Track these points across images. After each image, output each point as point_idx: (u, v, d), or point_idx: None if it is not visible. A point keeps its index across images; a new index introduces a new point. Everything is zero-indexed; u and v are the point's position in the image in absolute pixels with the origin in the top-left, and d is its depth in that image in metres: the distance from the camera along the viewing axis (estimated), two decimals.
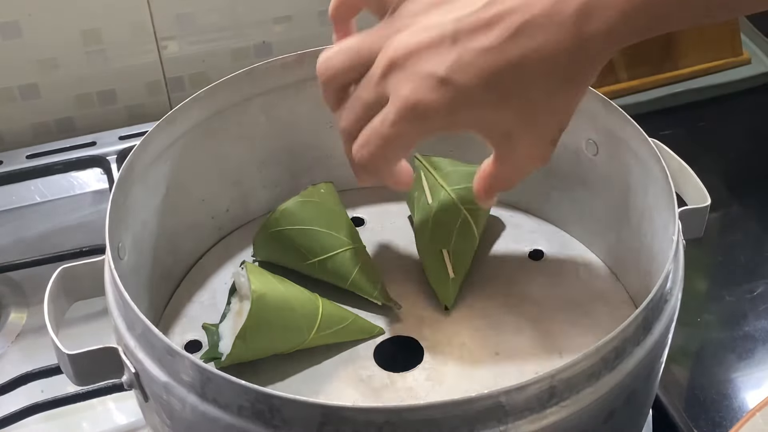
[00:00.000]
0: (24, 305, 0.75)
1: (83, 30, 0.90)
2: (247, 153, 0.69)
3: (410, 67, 0.47)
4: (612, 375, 0.47)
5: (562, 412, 0.45)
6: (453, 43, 0.46)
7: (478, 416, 0.44)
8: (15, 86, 0.91)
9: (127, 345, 0.50)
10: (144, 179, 0.61)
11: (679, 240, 0.54)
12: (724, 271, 0.78)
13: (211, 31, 0.94)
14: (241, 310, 0.60)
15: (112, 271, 0.52)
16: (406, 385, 0.58)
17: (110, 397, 0.65)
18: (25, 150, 0.90)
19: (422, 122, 0.48)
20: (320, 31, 0.97)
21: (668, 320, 0.51)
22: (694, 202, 0.60)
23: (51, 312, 0.54)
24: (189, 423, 0.48)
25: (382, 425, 0.43)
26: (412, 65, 0.47)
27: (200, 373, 0.46)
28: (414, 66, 0.47)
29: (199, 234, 0.69)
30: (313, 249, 0.63)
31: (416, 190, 0.68)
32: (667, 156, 0.61)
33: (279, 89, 0.68)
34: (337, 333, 0.60)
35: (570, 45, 0.44)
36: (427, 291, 0.64)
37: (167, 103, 0.96)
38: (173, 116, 0.63)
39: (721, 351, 0.70)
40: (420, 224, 0.66)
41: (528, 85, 0.46)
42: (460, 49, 0.46)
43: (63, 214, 0.85)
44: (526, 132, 0.48)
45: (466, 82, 0.46)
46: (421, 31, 0.48)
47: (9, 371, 0.67)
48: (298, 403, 0.44)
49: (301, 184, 0.68)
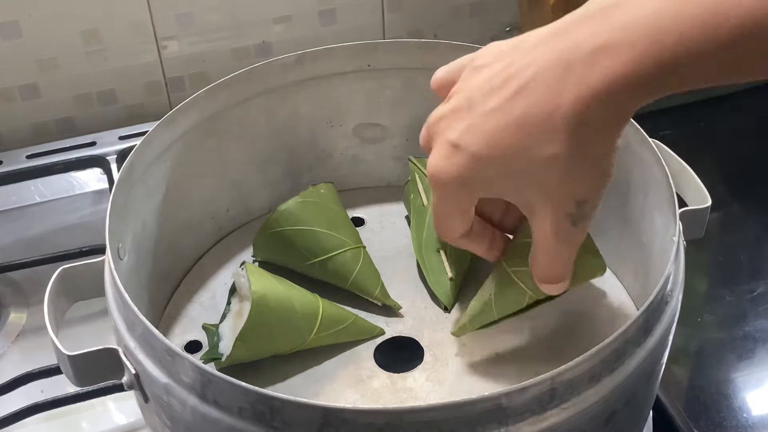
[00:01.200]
0: (24, 305, 0.75)
1: (83, 30, 0.90)
2: (247, 153, 0.69)
3: (435, 134, 0.49)
4: (612, 376, 0.47)
5: (563, 413, 0.45)
6: (469, 108, 0.47)
7: (479, 418, 0.44)
8: (15, 86, 0.91)
9: (127, 346, 0.50)
10: (144, 179, 0.61)
11: (679, 241, 0.54)
12: (724, 271, 0.78)
13: (211, 31, 0.94)
14: (241, 310, 0.60)
15: (112, 272, 0.52)
16: (406, 385, 0.58)
17: (110, 397, 0.65)
18: (25, 150, 0.91)
19: (445, 190, 0.49)
20: (320, 31, 0.97)
21: (669, 322, 0.51)
22: (695, 203, 0.60)
23: (51, 312, 0.53)
24: (189, 424, 0.48)
25: (382, 427, 0.43)
26: (436, 133, 0.49)
27: (200, 374, 0.46)
28: (437, 133, 0.49)
29: (199, 234, 0.69)
30: (313, 249, 0.63)
31: (411, 193, 0.68)
32: (668, 156, 0.61)
33: (279, 89, 0.68)
34: (337, 333, 0.60)
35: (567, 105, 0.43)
36: (427, 291, 0.64)
37: (167, 103, 0.96)
38: (173, 116, 0.63)
39: (721, 351, 0.70)
40: (416, 226, 0.66)
41: (531, 144, 0.44)
42: (473, 113, 0.46)
43: (63, 214, 0.85)
44: (540, 202, 0.47)
45: (473, 145, 0.46)
46: (455, 98, 0.48)
47: (9, 371, 0.67)
48: (299, 404, 0.44)
49: (301, 184, 0.68)
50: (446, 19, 1.00)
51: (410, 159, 0.69)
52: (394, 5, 0.98)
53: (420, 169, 0.68)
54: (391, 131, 0.73)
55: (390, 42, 0.69)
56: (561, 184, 0.45)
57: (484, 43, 0.51)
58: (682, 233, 0.56)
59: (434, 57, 0.68)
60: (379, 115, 0.72)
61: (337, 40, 0.70)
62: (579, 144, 0.44)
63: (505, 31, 1.00)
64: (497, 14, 1.01)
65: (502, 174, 0.46)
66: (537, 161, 0.45)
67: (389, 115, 0.72)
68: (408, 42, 0.69)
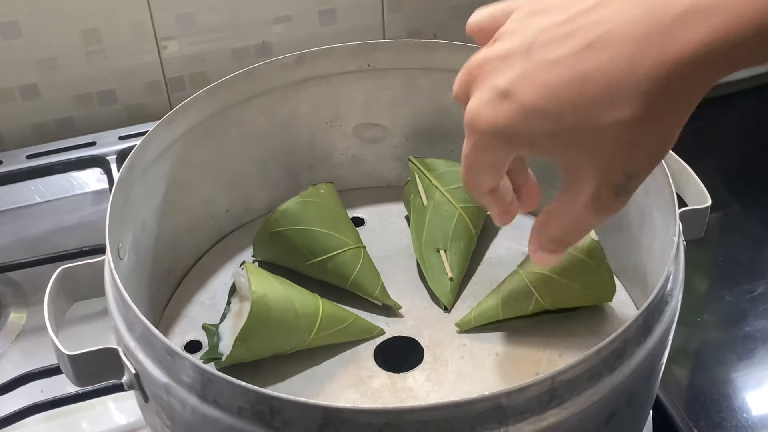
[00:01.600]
0: (24, 305, 0.75)
1: (83, 30, 0.90)
2: (247, 153, 0.69)
3: (477, 78, 0.44)
4: (613, 376, 0.47)
5: (563, 413, 0.45)
6: (525, 54, 0.42)
7: (479, 417, 0.44)
8: (15, 86, 0.91)
9: (127, 346, 0.50)
10: (144, 179, 0.61)
11: (679, 241, 0.54)
12: (724, 271, 0.78)
13: (211, 31, 0.94)
14: (241, 310, 0.60)
15: (112, 272, 0.52)
16: (406, 385, 0.58)
17: (110, 397, 0.65)
18: (25, 150, 0.90)
19: (483, 139, 0.44)
20: (320, 31, 0.97)
21: (669, 321, 0.51)
22: (695, 203, 0.60)
23: (51, 312, 0.53)
24: (189, 424, 0.48)
25: (382, 427, 0.43)
26: (479, 76, 0.44)
27: (200, 374, 0.46)
28: (480, 77, 0.44)
29: (199, 234, 0.69)
30: (313, 249, 0.63)
31: (411, 193, 0.68)
32: (668, 156, 0.61)
33: (279, 89, 0.68)
34: (337, 333, 0.60)
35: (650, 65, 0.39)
36: (427, 291, 0.64)
37: (167, 103, 0.96)
38: (173, 116, 0.63)
39: (721, 351, 0.70)
40: (416, 226, 0.66)
41: (590, 106, 0.40)
42: (529, 61, 0.42)
43: (63, 214, 0.85)
44: (588, 168, 0.42)
45: (526, 96, 0.42)
46: (503, 41, 0.44)
47: (9, 371, 0.67)
48: (299, 404, 0.44)
49: (301, 184, 0.68)
50: (446, 19, 1.00)
51: (410, 159, 0.69)
52: (394, 5, 0.98)
53: (420, 169, 0.68)
54: (391, 131, 0.73)
55: (390, 42, 0.69)
56: (617, 152, 0.41)
57: None
58: (682, 233, 0.56)
59: (434, 57, 0.69)
60: (379, 115, 0.72)
61: (337, 40, 0.70)
62: (652, 112, 0.40)
63: None
64: None
65: (553, 132, 0.42)
66: (599, 123, 0.40)
67: (389, 115, 0.72)
68: (408, 42, 0.69)
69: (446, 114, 0.71)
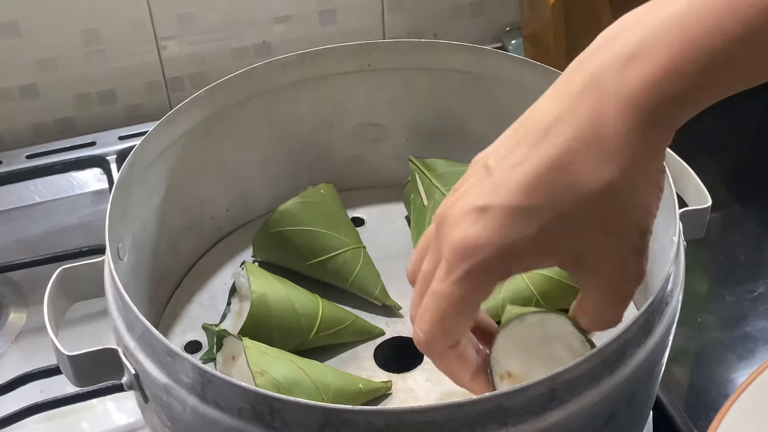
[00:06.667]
0: (24, 305, 0.75)
1: (83, 30, 0.90)
2: (247, 153, 0.69)
3: (454, 212, 0.43)
4: (613, 377, 0.47)
5: (563, 414, 0.45)
6: (488, 175, 0.43)
7: (479, 418, 0.44)
8: (15, 86, 0.91)
9: (126, 346, 0.50)
10: (144, 179, 0.61)
11: (680, 241, 0.54)
12: (724, 271, 0.78)
13: (211, 31, 0.94)
14: (241, 310, 0.60)
15: (111, 272, 0.52)
16: (406, 386, 0.57)
17: (110, 398, 0.65)
18: (25, 150, 0.90)
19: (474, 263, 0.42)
20: (320, 31, 0.97)
21: (669, 322, 0.51)
22: (695, 203, 0.60)
23: (51, 312, 0.53)
24: (189, 425, 0.48)
25: (382, 427, 0.43)
26: (455, 211, 0.43)
27: (200, 374, 0.46)
28: (457, 210, 0.43)
29: (199, 234, 0.69)
30: (313, 249, 0.63)
31: (411, 193, 0.68)
32: (668, 156, 0.61)
33: (279, 89, 0.68)
34: (337, 333, 0.60)
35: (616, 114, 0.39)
36: None
37: (167, 103, 0.96)
38: (173, 116, 0.63)
39: (721, 351, 0.70)
40: (416, 226, 0.66)
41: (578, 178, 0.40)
42: (494, 176, 0.42)
43: (63, 214, 0.85)
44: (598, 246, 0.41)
45: (504, 201, 0.41)
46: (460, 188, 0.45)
47: (9, 371, 0.67)
48: (299, 405, 0.44)
49: (301, 184, 0.68)
50: (446, 19, 1.00)
51: (410, 159, 0.69)
52: (394, 5, 0.98)
53: (420, 169, 0.68)
54: (391, 131, 0.73)
55: (390, 42, 0.69)
56: (622, 213, 0.41)
57: (484, 43, 0.51)
58: (683, 233, 0.55)
59: (434, 57, 0.69)
60: (379, 115, 0.72)
61: (337, 40, 0.70)
62: (633, 162, 0.40)
63: (505, 31, 0.99)
64: (497, 14, 1.01)
65: (546, 223, 0.41)
66: (590, 194, 0.40)
67: (389, 115, 0.72)
68: (408, 42, 0.69)
69: (446, 114, 0.71)
